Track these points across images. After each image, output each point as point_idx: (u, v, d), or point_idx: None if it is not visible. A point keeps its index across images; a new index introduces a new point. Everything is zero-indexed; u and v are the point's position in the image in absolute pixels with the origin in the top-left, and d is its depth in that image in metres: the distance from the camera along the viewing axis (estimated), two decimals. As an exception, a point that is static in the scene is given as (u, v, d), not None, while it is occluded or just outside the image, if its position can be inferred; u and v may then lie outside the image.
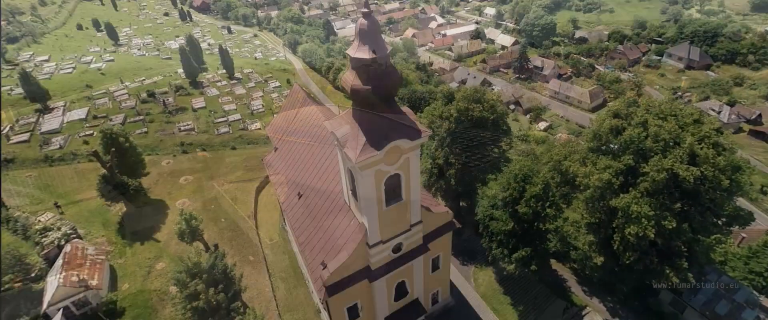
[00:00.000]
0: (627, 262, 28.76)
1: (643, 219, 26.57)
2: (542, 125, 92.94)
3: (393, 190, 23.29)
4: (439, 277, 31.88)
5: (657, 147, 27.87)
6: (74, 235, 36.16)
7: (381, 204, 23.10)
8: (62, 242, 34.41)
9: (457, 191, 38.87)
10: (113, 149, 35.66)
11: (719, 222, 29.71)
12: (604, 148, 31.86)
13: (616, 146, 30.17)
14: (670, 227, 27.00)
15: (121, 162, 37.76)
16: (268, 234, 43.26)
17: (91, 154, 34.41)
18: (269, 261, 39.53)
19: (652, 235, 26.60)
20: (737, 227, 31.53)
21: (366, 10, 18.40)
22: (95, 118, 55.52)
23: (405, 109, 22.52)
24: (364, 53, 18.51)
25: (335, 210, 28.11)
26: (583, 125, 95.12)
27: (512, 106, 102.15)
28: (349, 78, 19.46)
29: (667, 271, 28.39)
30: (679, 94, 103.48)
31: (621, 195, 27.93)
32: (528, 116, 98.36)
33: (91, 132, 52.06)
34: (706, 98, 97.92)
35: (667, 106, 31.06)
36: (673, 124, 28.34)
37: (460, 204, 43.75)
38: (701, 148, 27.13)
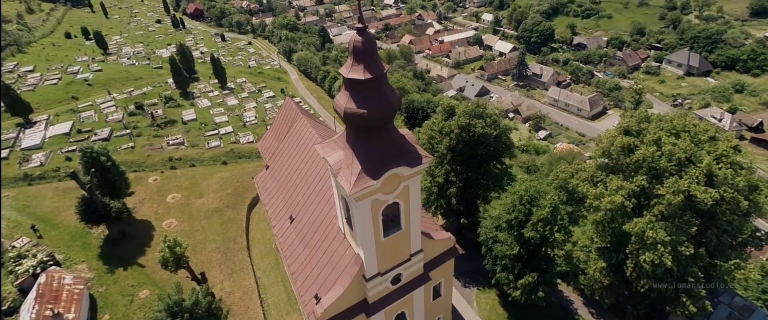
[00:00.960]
0: (641, 290, 26.96)
1: (659, 246, 24.79)
2: (542, 134, 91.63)
3: (391, 219, 21.41)
4: (441, 305, 29.92)
5: (672, 167, 26.17)
6: (52, 262, 33.86)
7: (378, 235, 21.18)
8: (38, 270, 32.13)
9: (458, 210, 36.97)
10: (93, 169, 33.49)
11: (735, 243, 28.03)
12: (614, 165, 30.16)
13: (627, 164, 28.49)
14: (687, 253, 25.26)
15: (102, 183, 35.58)
16: (260, 253, 41.17)
17: (69, 174, 32.21)
18: (261, 283, 37.41)
19: (669, 263, 24.81)
20: (753, 249, 29.91)
21: (360, 25, 16.55)
22: (79, 132, 53.25)
23: (404, 131, 20.68)
24: (359, 73, 16.65)
25: (330, 237, 26.13)
26: (584, 133, 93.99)
27: (511, 114, 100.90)
28: (342, 100, 17.57)
29: (684, 299, 26.64)
30: (679, 101, 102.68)
31: (634, 219, 26.14)
32: (527, 124, 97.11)
33: (74, 147, 49.77)
34: (707, 105, 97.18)
35: (680, 121, 29.43)
36: (689, 143, 26.68)
37: (461, 221, 41.89)
38: (719, 168, 25.47)
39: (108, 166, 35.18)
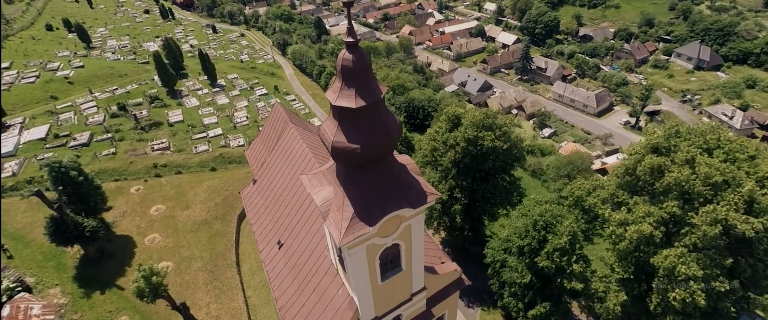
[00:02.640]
0: (668, 327, 24.29)
1: (692, 282, 21.99)
2: (546, 132, 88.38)
3: (390, 261, 18.48)
4: (445, 337, 27.29)
5: (707, 191, 23.17)
6: (20, 288, 31.01)
7: (375, 280, 18.27)
8: (4, 298, 29.27)
9: (462, 228, 34.08)
10: (61, 187, 30.33)
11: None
12: (637, 184, 27.16)
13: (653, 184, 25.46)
14: (722, 289, 22.51)
15: (74, 199, 32.48)
16: (251, 269, 38.43)
17: (34, 193, 29.10)
18: (252, 304, 34.80)
19: (703, 302, 22.05)
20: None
21: (350, 39, 13.16)
22: (57, 137, 49.83)
23: (404, 159, 17.48)
24: (349, 100, 13.40)
25: (321, 271, 23.26)
26: (589, 131, 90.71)
27: (514, 111, 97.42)
28: (329, 130, 14.33)
29: (714, 336, 24.04)
30: (689, 97, 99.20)
31: (663, 250, 23.26)
32: (531, 122, 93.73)
33: (51, 154, 46.48)
34: (717, 101, 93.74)
35: (713, 135, 26.33)
36: (727, 164, 23.64)
37: (465, 233, 39.04)
38: (763, 194, 22.53)
39: (80, 181, 31.98)
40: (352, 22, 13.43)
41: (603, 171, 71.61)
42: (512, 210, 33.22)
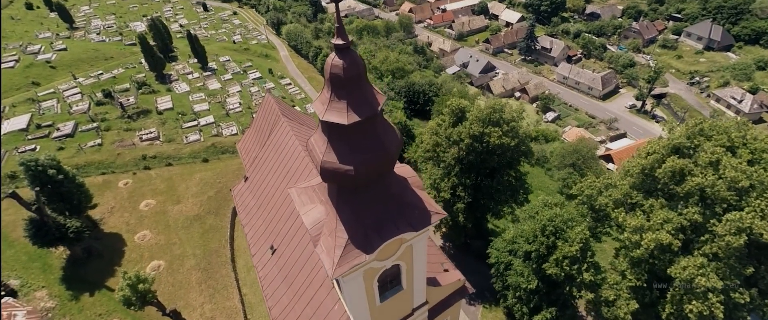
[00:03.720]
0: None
1: (711, 294, 20.69)
2: (550, 116, 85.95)
3: (390, 280, 16.97)
4: (447, 343, 26.32)
5: (732, 197, 21.47)
6: (4, 291, 29.73)
7: (373, 301, 16.81)
8: (-15, 303, 28.01)
9: (464, 226, 32.59)
10: (37, 188, 28.45)
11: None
12: (652, 184, 25.44)
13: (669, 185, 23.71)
14: (742, 301, 21.26)
15: (55, 198, 30.68)
16: (247, 265, 37.19)
17: (9, 195, 27.26)
18: (248, 302, 33.83)
19: (721, 315, 20.83)
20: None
21: (341, 42, 10.89)
22: (39, 127, 47.36)
23: (404, 169, 15.55)
24: (340, 115, 11.25)
25: (316, 283, 21.86)
26: (594, 115, 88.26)
27: (517, 94, 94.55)
28: (318, 148, 12.28)
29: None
30: (697, 78, 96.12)
31: (680, 259, 21.80)
32: (535, 105, 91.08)
33: (34, 146, 44.25)
34: (726, 84, 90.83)
35: (739, 133, 24.33)
36: (756, 168, 21.80)
37: (467, 229, 37.68)
38: (792, 201, 20.86)
39: (59, 180, 30.05)
40: (342, 20, 11.11)
41: (607, 158, 69.97)
42: (518, 208, 31.63)
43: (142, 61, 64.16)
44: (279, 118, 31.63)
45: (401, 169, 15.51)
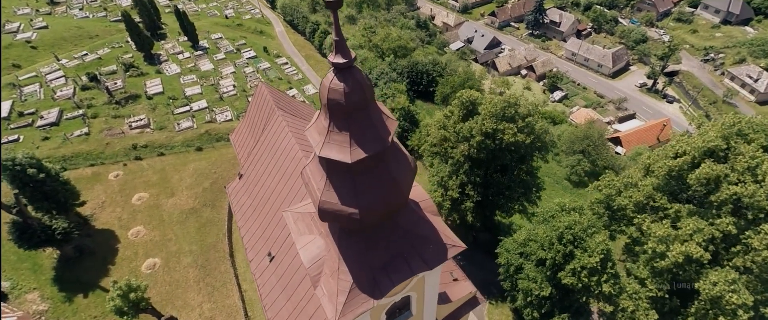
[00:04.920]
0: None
1: (740, 312, 19.35)
2: (557, 95, 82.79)
3: (399, 308, 15.48)
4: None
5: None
6: (-7, 294, 28.64)
7: (381, 329, 15.36)
8: (-25, 308, 26.96)
9: (473, 225, 31.05)
10: (16, 191, 26.55)
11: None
12: (677, 186, 23.61)
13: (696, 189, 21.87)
14: (772, 316, 19.99)
15: (39, 197, 28.89)
16: (246, 260, 35.99)
17: (-12, 198, 25.46)
18: (248, 299, 33.07)
19: (750, 331, 19.60)
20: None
21: (342, 60, 8.52)
22: (21, 115, 44.69)
23: (416, 191, 13.56)
24: (341, 150, 9.03)
25: (316, 298, 20.46)
26: (602, 94, 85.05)
27: (524, 71, 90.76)
28: (315, 183, 10.16)
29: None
30: (711, 55, 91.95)
31: (708, 272, 20.32)
32: (541, 83, 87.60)
33: (17, 137, 41.89)
34: (742, 61, 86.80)
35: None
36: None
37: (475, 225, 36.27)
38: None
39: (41, 179, 28.11)
40: (342, 31, 8.67)
41: (615, 140, 67.80)
42: (530, 206, 29.96)
43: (129, 39, 60.32)
44: (274, 111, 29.24)
45: (412, 191, 13.53)
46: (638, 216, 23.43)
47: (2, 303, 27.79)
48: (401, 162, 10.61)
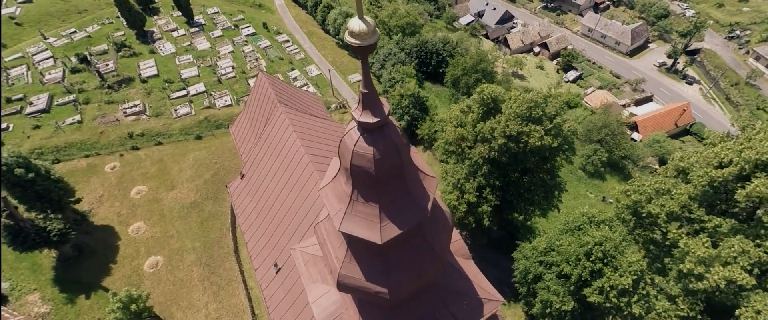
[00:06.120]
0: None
1: (783, 339, 18.00)
2: (571, 75, 78.94)
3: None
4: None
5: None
6: (-8, 296, 27.75)
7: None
8: (-26, 311, 26.15)
9: (489, 229, 29.47)
10: (3, 194, 24.85)
11: None
12: (716, 195, 21.68)
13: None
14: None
15: (30, 199, 27.30)
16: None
17: (-26, 202, 23.81)
18: (255, 296, 32.24)
19: (790, 358, 18.34)
20: None
21: (372, 118, 6.30)
22: (9, 101, 42.25)
23: (457, 237, 11.69)
24: (368, 228, 6.91)
25: None
26: (619, 74, 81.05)
27: (537, 49, 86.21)
28: (333, 251, 8.22)
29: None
30: (737, 32, 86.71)
31: (752, 297, 18.80)
32: (555, 62, 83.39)
33: (6, 125, 39.74)
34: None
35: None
36: None
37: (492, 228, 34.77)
38: None
39: (31, 179, 26.35)
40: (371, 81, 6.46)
41: (631, 125, 64.93)
42: (551, 210, 28.21)
43: (120, 15, 56.48)
44: (276, 106, 26.94)
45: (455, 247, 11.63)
46: (673, 229, 21.63)
47: (3, 306, 26.94)
48: (439, 222, 8.65)
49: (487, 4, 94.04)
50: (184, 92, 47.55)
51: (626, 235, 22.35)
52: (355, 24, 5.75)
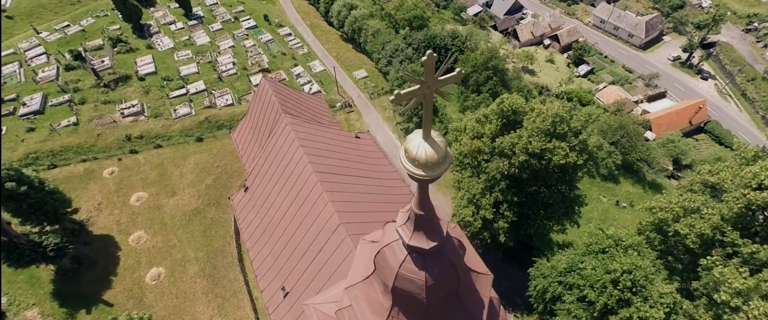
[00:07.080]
0: None
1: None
2: (582, 69, 76.45)
3: None
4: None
5: None
6: (-11, 311, 26.84)
7: None
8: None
9: (505, 244, 28.16)
10: (-4, 212, 23.58)
11: None
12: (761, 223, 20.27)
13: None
14: None
15: (24, 212, 26.04)
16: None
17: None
18: (261, 308, 31.29)
19: None
20: None
21: (428, 242, 4.78)
22: (1, 102, 40.64)
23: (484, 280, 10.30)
24: None
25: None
26: (631, 68, 78.47)
27: (547, 41, 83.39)
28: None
29: None
30: (755, 24, 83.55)
31: (792, 332, 17.58)
32: (566, 55, 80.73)
33: (-1, 127, 38.24)
34: (791, 31, 78.62)
35: None
36: None
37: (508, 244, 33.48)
38: None
39: (24, 192, 25.02)
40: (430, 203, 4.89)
41: (645, 125, 62.84)
42: (570, 226, 26.86)
43: (114, 7, 54.11)
44: (280, 116, 25.34)
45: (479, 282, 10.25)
46: (706, 256, 20.26)
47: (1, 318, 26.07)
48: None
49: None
50: (183, 91, 45.75)
51: (655, 260, 21.02)
52: (418, 148, 4.14)
